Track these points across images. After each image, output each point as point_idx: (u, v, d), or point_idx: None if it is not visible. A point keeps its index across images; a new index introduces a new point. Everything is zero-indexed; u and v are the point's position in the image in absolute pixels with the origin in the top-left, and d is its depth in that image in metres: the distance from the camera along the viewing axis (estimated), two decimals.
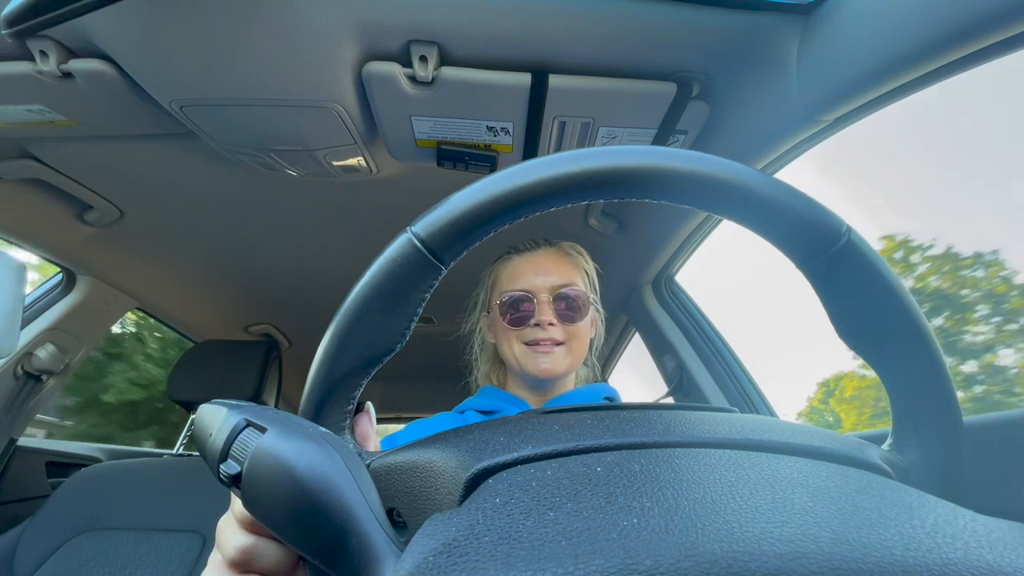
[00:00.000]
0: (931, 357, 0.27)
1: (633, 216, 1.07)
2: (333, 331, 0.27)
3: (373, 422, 0.34)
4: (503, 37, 0.63)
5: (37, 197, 0.99)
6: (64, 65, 0.65)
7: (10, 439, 1.18)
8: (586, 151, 0.26)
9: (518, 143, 0.79)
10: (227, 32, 0.61)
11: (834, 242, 0.26)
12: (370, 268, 0.26)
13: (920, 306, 0.27)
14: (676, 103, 0.70)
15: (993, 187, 43.31)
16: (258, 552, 0.26)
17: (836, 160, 39.97)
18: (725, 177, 0.26)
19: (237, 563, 0.26)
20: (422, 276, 0.26)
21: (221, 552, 0.27)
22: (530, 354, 0.70)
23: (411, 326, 0.27)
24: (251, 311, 1.64)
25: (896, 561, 0.15)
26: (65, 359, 1.24)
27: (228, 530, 0.27)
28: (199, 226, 1.15)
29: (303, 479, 0.21)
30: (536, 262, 0.74)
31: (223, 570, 0.26)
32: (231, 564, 0.26)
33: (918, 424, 0.28)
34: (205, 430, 0.25)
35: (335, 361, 0.27)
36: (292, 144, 0.81)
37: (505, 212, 0.26)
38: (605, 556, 0.15)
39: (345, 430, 0.28)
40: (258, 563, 0.26)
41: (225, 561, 0.26)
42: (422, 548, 0.18)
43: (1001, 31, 0.43)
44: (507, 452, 0.24)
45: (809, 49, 0.59)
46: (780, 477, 0.20)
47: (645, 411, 0.29)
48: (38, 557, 0.98)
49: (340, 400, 0.28)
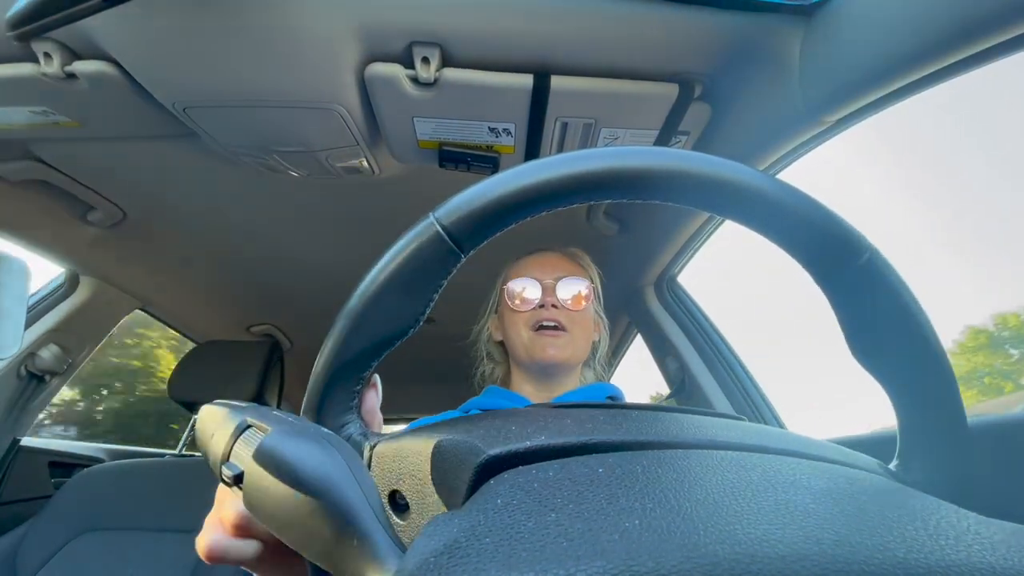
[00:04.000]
0: (945, 381, 0.27)
1: (635, 217, 1.07)
2: (349, 309, 0.27)
3: (379, 395, 0.34)
4: (505, 38, 0.63)
5: (40, 198, 0.99)
6: (68, 67, 0.65)
7: (13, 439, 1.18)
8: (615, 149, 0.26)
9: (520, 144, 0.79)
10: (230, 34, 0.61)
11: (856, 259, 0.26)
12: (390, 249, 0.26)
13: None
14: (678, 104, 0.70)
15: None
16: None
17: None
18: (757, 188, 0.26)
19: (238, 527, 0.26)
20: (441, 262, 0.26)
21: (221, 514, 0.27)
22: (537, 340, 0.72)
23: (426, 311, 0.27)
24: (253, 312, 1.64)
25: (899, 563, 0.15)
26: (68, 359, 1.24)
27: (230, 495, 0.27)
28: (202, 227, 1.15)
29: (305, 479, 0.21)
30: (544, 259, 0.79)
31: (221, 531, 0.26)
32: (232, 527, 0.26)
33: (927, 447, 0.28)
34: (207, 431, 0.25)
35: (348, 340, 0.27)
36: (294, 145, 0.81)
37: (529, 204, 0.25)
38: (607, 557, 0.15)
39: (353, 408, 0.28)
40: (258, 527, 0.26)
41: (224, 522, 0.26)
42: (424, 549, 0.18)
43: (1005, 31, 0.43)
44: (521, 441, 0.23)
45: (811, 50, 0.59)
46: (782, 479, 0.20)
47: (655, 412, 0.29)
48: (41, 557, 0.99)
49: (351, 378, 0.28)
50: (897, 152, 68.06)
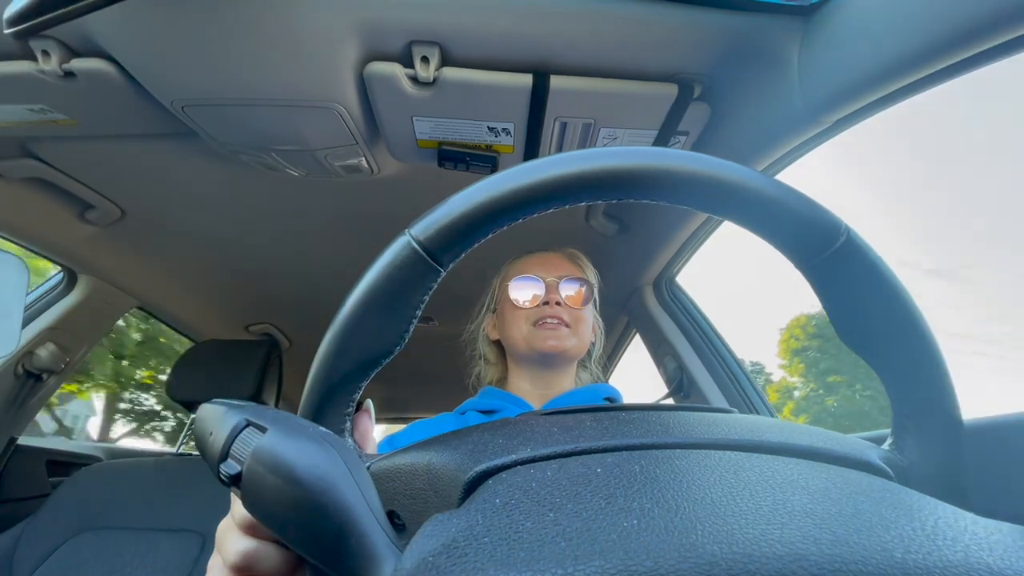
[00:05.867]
0: (932, 357, 0.27)
1: (634, 217, 1.07)
2: (332, 334, 0.27)
3: (372, 421, 0.34)
4: (505, 38, 0.63)
5: (38, 196, 0.99)
6: (66, 64, 0.65)
7: (10, 438, 1.18)
8: (583, 152, 0.26)
9: (519, 144, 0.79)
10: (229, 32, 0.61)
11: (833, 241, 0.26)
12: (369, 271, 0.26)
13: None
14: (677, 104, 0.70)
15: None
16: (259, 556, 0.26)
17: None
18: (722, 177, 0.25)
19: (238, 567, 0.26)
20: (421, 278, 0.26)
21: (222, 556, 0.27)
22: (537, 332, 0.73)
23: (410, 328, 0.27)
24: (252, 311, 1.64)
25: (896, 563, 0.15)
26: (66, 358, 1.24)
27: (229, 535, 0.27)
28: (200, 226, 1.15)
29: (303, 479, 0.21)
30: (546, 259, 0.79)
31: (224, 574, 0.26)
32: (232, 568, 0.26)
33: (919, 424, 0.28)
34: (205, 430, 0.25)
35: (334, 364, 0.27)
36: (293, 144, 0.81)
37: (503, 214, 0.25)
38: (605, 557, 0.15)
39: (345, 431, 0.28)
40: (259, 567, 0.26)
41: (226, 565, 0.26)
42: (422, 549, 0.18)
43: (1004, 32, 0.43)
44: (505, 454, 0.24)
45: (810, 50, 0.59)
46: (780, 479, 0.20)
47: (644, 412, 0.29)
48: (38, 556, 0.98)
49: (339, 402, 0.28)
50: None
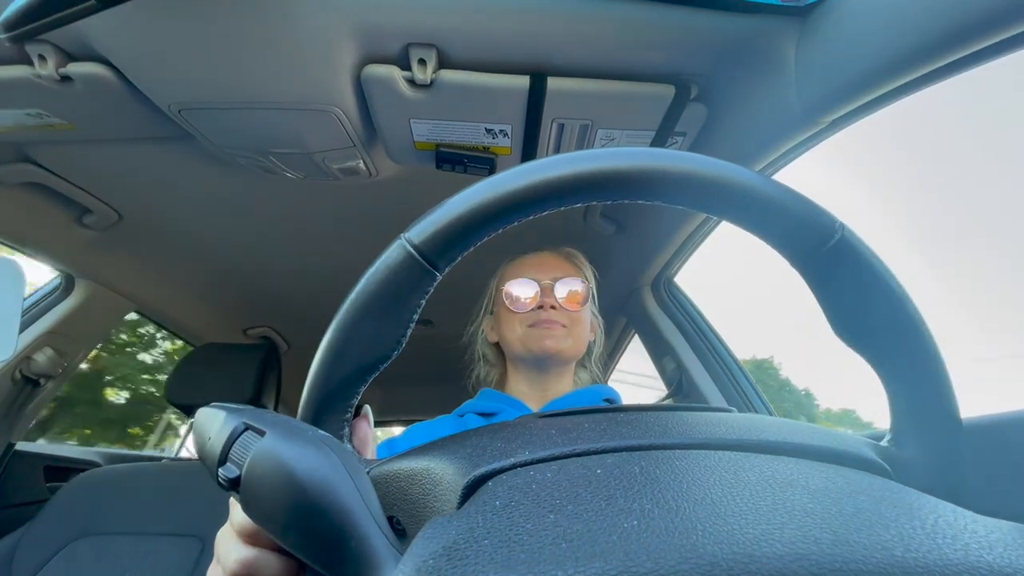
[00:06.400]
0: (929, 354, 0.27)
1: (632, 218, 1.07)
2: (329, 339, 0.27)
3: (371, 426, 0.34)
4: (502, 40, 0.63)
5: (36, 201, 0.98)
6: (62, 69, 0.65)
7: (8, 443, 1.18)
8: (578, 154, 0.26)
9: (517, 145, 0.79)
10: (225, 36, 0.61)
11: (828, 239, 0.26)
12: (364, 275, 0.26)
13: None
14: (674, 105, 0.70)
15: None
16: (259, 564, 0.26)
17: None
18: (716, 176, 0.25)
19: (246, 534, 0.26)
20: (417, 283, 0.26)
21: (221, 564, 0.27)
22: (534, 333, 0.72)
23: (407, 332, 0.27)
24: (250, 314, 1.64)
25: (896, 562, 0.15)
26: (63, 363, 1.23)
27: (229, 542, 0.27)
28: (198, 229, 1.15)
29: (302, 482, 0.20)
30: (541, 260, 0.79)
31: (236, 541, 0.26)
32: (242, 536, 0.26)
33: (916, 419, 0.28)
34: (204, 433, 0.25)
35: (331, 369, 0.27)
36: (291, 147, 0.81)
37: (498, 217, 0.25)
38: (605, 559, 0.15)
39: (344, 436, 0.28)
40: (258, 575, 0.26)
41: (226, 573, 0.26)
42: (422, 551, 0.18)
43: (1000, 31, 0.43)
44: (504, 458, 0.24)
45: (807, 51, 0.59)
46: (780, 478, 0.20)
47: (642, 413, 0.29)
48: (36, 562, 0.98)
49: (338, 407, 0.28)
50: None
